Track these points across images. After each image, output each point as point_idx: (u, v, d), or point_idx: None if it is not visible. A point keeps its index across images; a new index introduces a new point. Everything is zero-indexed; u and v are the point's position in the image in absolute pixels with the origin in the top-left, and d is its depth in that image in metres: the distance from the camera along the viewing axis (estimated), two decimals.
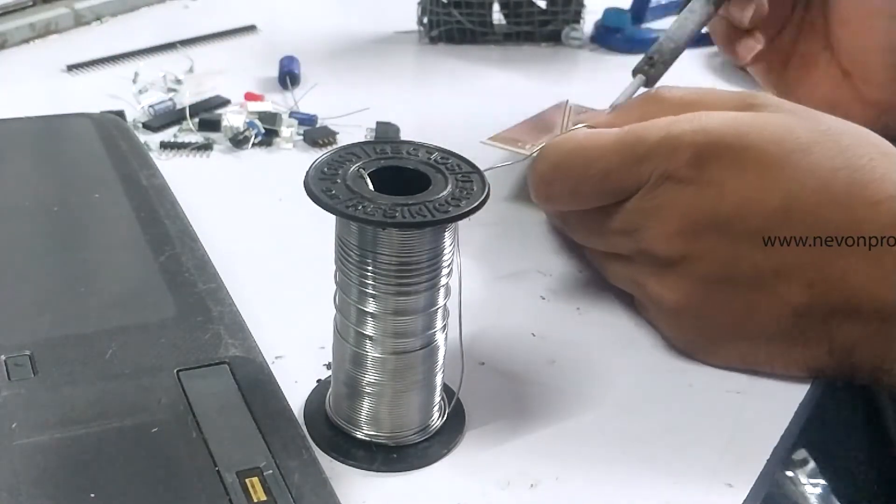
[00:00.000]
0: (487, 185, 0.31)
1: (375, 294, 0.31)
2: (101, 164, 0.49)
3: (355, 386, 0.33)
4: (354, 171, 0.31)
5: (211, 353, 0.35)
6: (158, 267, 0.40)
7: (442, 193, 0.30)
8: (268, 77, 0.65)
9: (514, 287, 0.43)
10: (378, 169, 0.31)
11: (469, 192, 0.30)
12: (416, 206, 0.29)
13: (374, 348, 0.32)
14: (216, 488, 0.29)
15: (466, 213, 0.30)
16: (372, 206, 0.29)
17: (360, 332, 0.32)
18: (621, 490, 0.33)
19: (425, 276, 0.31)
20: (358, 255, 0.31)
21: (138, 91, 0.62)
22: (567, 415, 0.36)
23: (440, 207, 0.29)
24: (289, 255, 0.45)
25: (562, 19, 0.75)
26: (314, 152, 0.55)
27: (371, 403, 0.33)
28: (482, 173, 0.32)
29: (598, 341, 0.40)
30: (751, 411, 0.36)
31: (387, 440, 0.33)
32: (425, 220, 0.29)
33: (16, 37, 0.70)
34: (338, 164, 0.31)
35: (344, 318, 0.32)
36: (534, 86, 0.68)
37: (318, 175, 0.30)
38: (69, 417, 0.32)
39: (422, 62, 0.73)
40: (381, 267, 0.30)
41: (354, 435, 0.34)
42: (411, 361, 0.32)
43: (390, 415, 0.33)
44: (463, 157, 0.32)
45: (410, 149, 0.32)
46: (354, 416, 0.34)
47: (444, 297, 0.32)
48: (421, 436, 0.34)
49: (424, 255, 0.30)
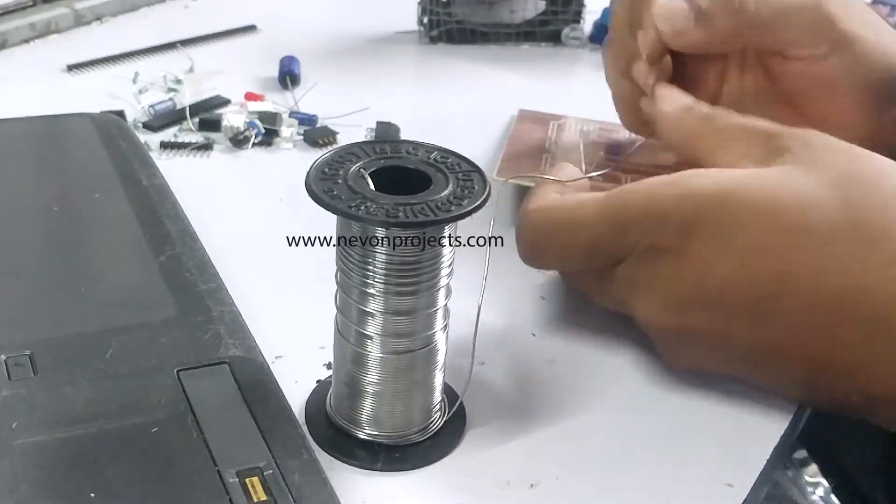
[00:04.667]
0: (488, 184, 0.31)
1: (376, 294, 0.31)
2: (101, 164, 0.49)
3: (356, 385, 0.33)
4: (355, 170, 0.31)
5: (211, 353, 0.35)
6: (158, 267, 0.40)
7: (443, 193, 0.30)
8: (268, 77, 0.65)
9: (514, 287, 0.43)
10: (379, 169, 0.31)
11: (470, 191, 0.30)
12: (419, 206, 0.29)
13: (375, 348, 0.32)
14: (216, 488, 0.29)
15: (468, 212, 0.30)
16: (374, 206, 0.29)
17: (361, 331, 0.32)
18: (621, 490, 0.33)
19: (426, 276, 0.31)
20: (359, 254, 0.31)
21: (138, 91, 0.62)
22: (567, 415, 0.36)
23: (442, 207, 0.29)
24: (289, 255, 0.45)
25: (562, 19, 0.75)
26: (314, 152, 0.55)
27: (372, 403, 0.33)
28: (482, 172, 0.32)
29: (598, 341, 0.40)
30: (751, 411, 0.36)
31: (388, 440, 0.33)
32: (427, 219, 0.29)
33: (16, 37, 0.70)
34: (338, 164, 0.31)
35: (345, 317, 0.32)
36: (534, 86, 0.68)
37: (319, 175, 0.30)
38: (69, 417, 0.32)
39: (422, 62, 0.73)
40: (382, 267, 0.30)
41: (356, 435, 0.34)
42: (412, 361, 0.32)
43: (391, 414, 0.33)
44: (463, 156, 0.32)
45: (410, 148, 0.32)
46: (355, 416, 0.34)
47: (444, 297, 0.32)
48: (422, 435, 0.34)
49: (426, 254, 0.30)
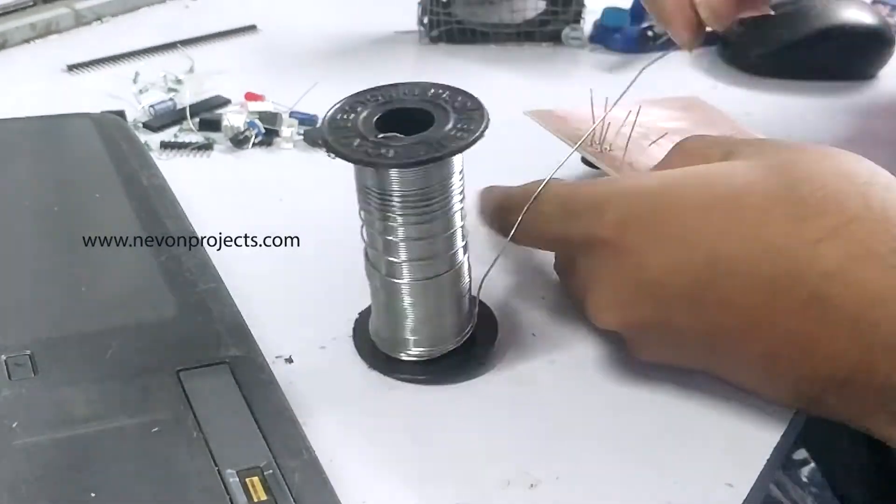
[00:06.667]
0: (486, 118, 0.33)
1: (397, 225, 0.34)
2: (101, 164, 0.49)
3: (391, 310, 0.36)
4: (364, 118, 0.33)
5: (211, 353, 0.35)
6: (159, 267, 0.40)
7: (447, 127, 0.33)
8: (268, 77, 0.65)
9: (514, 287, 0.43)
10: (384, 114, 0.34)
11: (471, 120, 0.33)
12: (432, 144, 0.32)
13: (404, 273, 0.35)
14: (217, 488, 0.29)
15: (473, 140, 0.32)
16: (392, 151, 0.32)
17: (390, 259, 0.35)
18: (621, 490, 0.33)
19: (437, 202, 0.34)
20: (378, 194, 0.33)
21: (139, 91, 0.62)
22: (567, 415, 0.36)
23: (447, 140, 0.32)
24: (289, 255, 0.45)
25: (562, 20, 0.75)
26: (314, 152, 0.55)
27: (408, 324, 0.36)
28: (483, 108, 0.34)
29: (598, 341, 0.40)
30: (751, 411, 0.36)
31: (427, 356, 0.37)
32: (439, 153, 0.32)
33: (16, 37, 0.70)
34: (347, 113, 0.34)
35: (373, 249, 0.35)
36: (534, 86, 0.68)
37: (333, 130, 0.33)
38: (70, 417, 0.32)
39: (422, 62, 0.73)
40: (399, 200, 0.33)
41: (397, 356, 0.37)
42: (440, 283, 0.36)
43: (428, 332, 0.37)
44: (458, 89, 0.35)
45: (405, 90, 0.35)
46: (396, 337, 0.37)
47: (460, 219, 0.35)
48: (455, 343, 0.38)
49: (436, 184, 0.33)
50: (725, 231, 0.32)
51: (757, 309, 0.32)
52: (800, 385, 0.33)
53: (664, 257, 0.33)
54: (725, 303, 0.33)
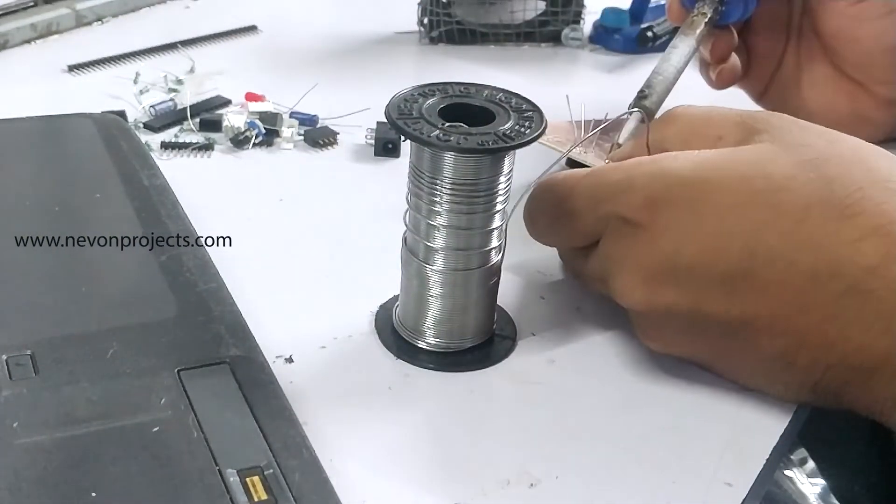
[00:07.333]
0: (545, 120, 0.35)
1: (442, 211, 0.36)
2: (102, 164, 0.49)
3: (421, 299, 0.38)
4: (430, 106, 0.35)
5: (211, 353, 0.35)
6: (159, 267, 0.40)
7: (508, 123, 0.35)
8: (269, 77, 0.65)
9: (514, 287, 0.43)
10: (448, 105, 0.36)
11: (530, 125, 0.35)
12: (490, 136, 0.34)
13: (439, 262, 0.37)
14: (217, 487, 0.29)
15: (535, 137, 0.34)
16: (455, 136, 0.34)
17: (429, 245, 0.36)
18: (621, 490, 0.33)
19: (483, 197, 0.35)
20: (430, 177, 0.35)
21: (139, 91, 0.62)
22: (567, 415, 0.36)
23: (512, 134, 0.34)
24: (289, 255, 0.45)
25: (562, 20, 0.75)
26: (314, 152, 0.55)
27: (435, 315, 0.38)
28: (540, 111, 0.36)
29: (598, 341, 0.40)
30: (751, 411, 0.36)
31: (447, 347, 0.38)
32: (507, 144, 0.34)
33: (17, 37, 0.70)
34: (412, 101, 0.36)
35: (414, 234, 0.37)
36: (534, 86, 0.68)
37: (397, 112, 0.35)
38: (70, 417, 0.32)
39: (422, 62, 0.73)
40: (448, 187, 0.35)
41: (418, 344, 0.39)
42: (472, 276, 0.37)
43: (456, 324, 0.38)
44: (513, 92, 0.37)
45: (460, 88, 0.37)
46: (419, 328, 0.38)
47: (500, 219, 0.37)
48: (476, 340, 0.39)
49: (485, 178, 0.35)
50: (764, 225, 0.33)
51: (794, 297, 0.33)
52: (823, 375, 0.34)
53: (700, 244, 0.34)
54: (762, 290, 0.33)
